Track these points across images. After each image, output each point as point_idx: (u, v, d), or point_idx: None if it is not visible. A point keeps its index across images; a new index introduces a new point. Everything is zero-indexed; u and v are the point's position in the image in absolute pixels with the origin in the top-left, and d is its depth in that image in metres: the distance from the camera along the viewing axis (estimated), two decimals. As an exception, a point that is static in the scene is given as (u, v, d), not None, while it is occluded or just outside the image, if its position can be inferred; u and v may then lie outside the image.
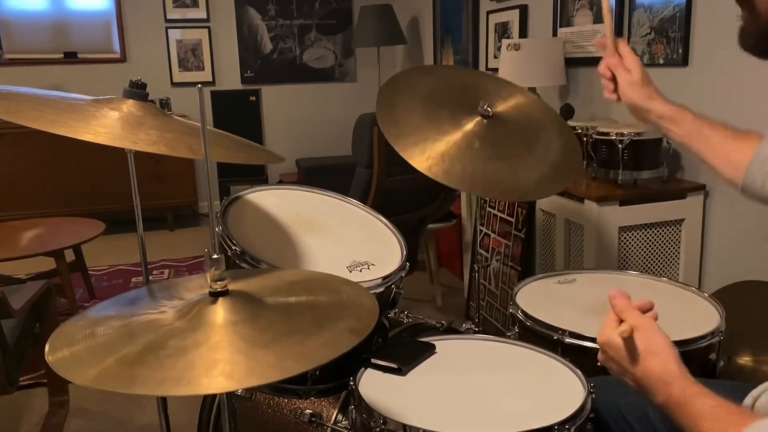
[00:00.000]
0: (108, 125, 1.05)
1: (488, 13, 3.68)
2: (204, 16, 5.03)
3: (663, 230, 2.10)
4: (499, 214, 2.63)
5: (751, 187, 1.08)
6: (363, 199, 2.58)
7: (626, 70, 1.17)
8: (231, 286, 0.88)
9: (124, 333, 0.83)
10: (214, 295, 0.87)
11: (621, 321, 0.93)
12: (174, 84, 5.04)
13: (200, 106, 0.95)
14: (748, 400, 0.96)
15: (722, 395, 1.02)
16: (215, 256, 0.85)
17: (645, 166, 2.09)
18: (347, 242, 1.45)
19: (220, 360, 0.75)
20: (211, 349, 0.77)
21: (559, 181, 1.46)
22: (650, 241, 2.09)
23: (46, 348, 0.80)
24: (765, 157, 1.06)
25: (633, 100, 1.17)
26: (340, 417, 1.24)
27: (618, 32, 2.53)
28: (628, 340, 0.89)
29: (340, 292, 0.99)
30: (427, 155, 1.38)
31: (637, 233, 2.07)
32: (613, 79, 1.19)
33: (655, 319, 0.95)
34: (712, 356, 1.27)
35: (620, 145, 2.06)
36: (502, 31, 3.51)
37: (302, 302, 0.93)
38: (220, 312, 0.84)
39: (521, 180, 1.41)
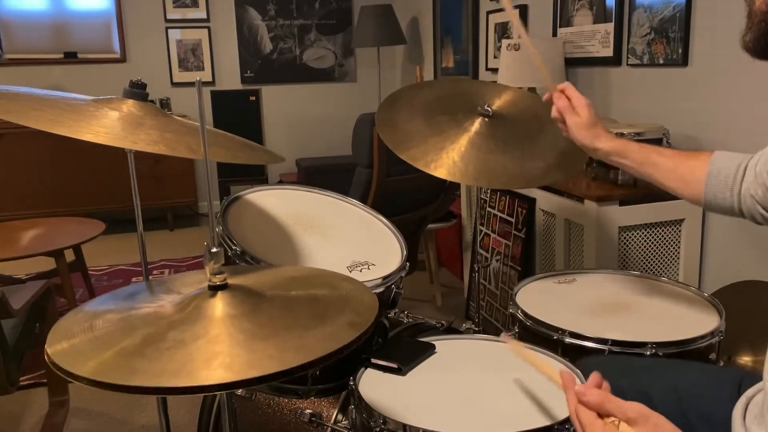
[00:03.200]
0: (108, 125, 1.05)
1: (488, 13, 3.68)
2: (204, 16, 5.03)
3: (663, 230, 2.10)
4: (499, 214, 2.63)
5: (713, 201, 1.14)
6: (363, 199, 2.58)
7: (575, 113, 1.25)
8: (230, 281, 0.89)
9: (124, 326, 0.83)
10: (213, 289, 0.87)
11: (602, 416, 0.77)
12: (174, 84, 5.04)
13: (200, 105, 0.94)
14: (742, 399, 0.96)
15: (727, 383, 1.02)
16: (214, 250, 0.85)
17: (645, 166, 2.08)
18: (347, 242, 1.45)
19: (220, 352, 0.75)
20: (210, 341, 0.77)
21: (566, 167, 1.46)
22: (650, 241, 2.09)
23: (46, 341, 0.80)
24: (718, 170, 1.12)
25: (580, 140, 1.25)
26: (340, 417, 1.24)
27: (618, 32, 2.53)
28: None
29: (340, 287, 0.99)
30: (431, 157, 1.38)
31: (637, 233, 2.07)
32: (565, 121, 1.27)
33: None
34: (712, 356, 1.27)
35: (620, 145, 2.05)
36: (502, 31, 3.52)
37: (302, 296, 0.93)
38: (219, 305, 0.84)
39: (527, 168, 1.42)
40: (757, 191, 1.07)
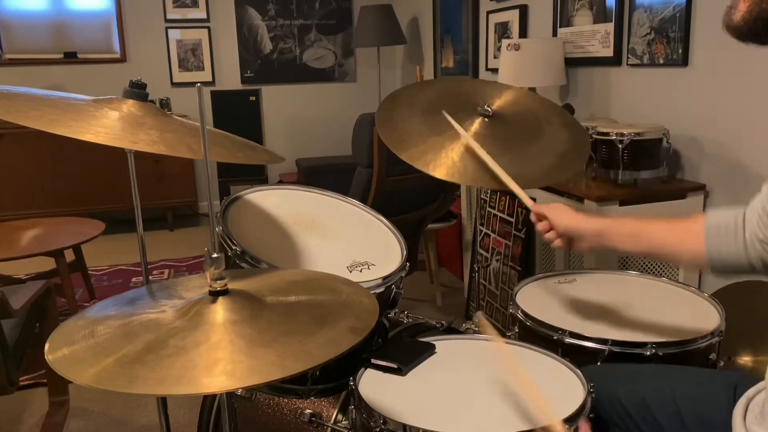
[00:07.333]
0: (108, 125, 1.05)
1: (488, 13, 3.68)
2: (204, 16, 5.03)
3: (663, 230, 2.09)
4: (499, 214, 2.63)
5: (718, 258, 1.07)
6: (363, 199, 2.58)
7: (552, 208, 1.28)
8: (231, 286, 0.88)
9: (124, 332, 0.82)
10: (214, 294, 0.87)
11: None
12: (174, 84, 5.04)
13: (200, 106, 0.95)
14: (742, 400, 0.96)
15: (722, 387, 1.02)
16: (215, 255, 0.85)
17: (645, 166, 2.09)
18: (347, 242, 1.45)
19: (221, 359, 0.75)
20: (211, 348, 0.77)
21: (566, 168, 1.46)
22: (650, 241, 2.08)
23: (46, 347, 0.80)
24: (716, 225, 1.07)
25: (575, 225, 1.23)
26: (340, 417, 1.24)
27: (618, 32, 2.53)
28: None
29: (341, 291, 0.99)
30: (430, 157, 1.38)
31: (637, 233, 2.06)
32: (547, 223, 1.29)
33: None
34: (712, 356, 1.27)
35: (620, 145, 2.06)
36: (502, 31, 3.51)
37: (302, 301, 0.93)
38: (220, 311, 0.84)
39: (525, 170, 1.42)
40: (765, 233, 1.00)
